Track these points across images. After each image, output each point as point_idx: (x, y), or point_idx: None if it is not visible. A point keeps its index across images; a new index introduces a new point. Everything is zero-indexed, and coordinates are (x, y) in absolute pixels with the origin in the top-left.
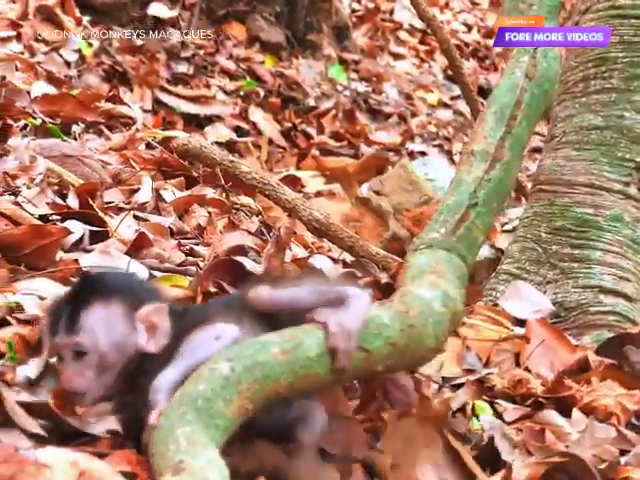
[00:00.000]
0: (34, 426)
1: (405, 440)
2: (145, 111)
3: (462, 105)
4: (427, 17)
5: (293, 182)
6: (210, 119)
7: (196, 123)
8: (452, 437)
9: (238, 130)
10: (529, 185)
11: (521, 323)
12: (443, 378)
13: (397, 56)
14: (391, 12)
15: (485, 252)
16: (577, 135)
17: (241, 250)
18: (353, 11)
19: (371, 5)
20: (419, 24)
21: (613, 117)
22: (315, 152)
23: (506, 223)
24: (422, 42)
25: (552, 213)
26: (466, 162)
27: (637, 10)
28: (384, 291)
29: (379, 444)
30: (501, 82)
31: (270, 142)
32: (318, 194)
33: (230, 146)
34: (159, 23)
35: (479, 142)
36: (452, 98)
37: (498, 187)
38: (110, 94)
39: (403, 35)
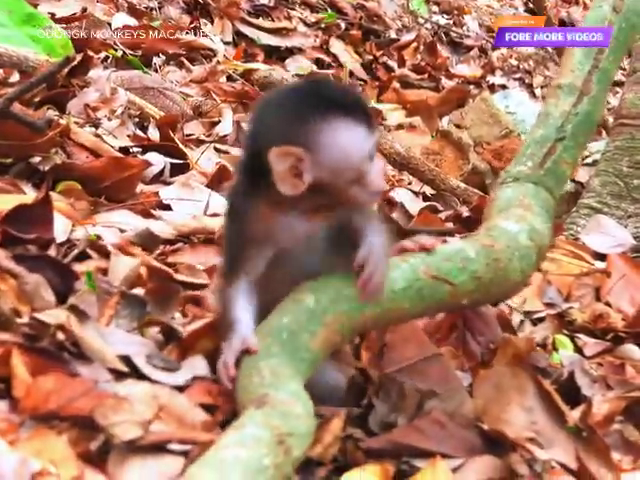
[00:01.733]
0: (115, 361)
1: (496, 387)
2: (226, 43)
3: None
4: None
5: (374, 115)
6: (291, 51)
7: (277, 55)
8: (544, 381)
9: (319, 62)
10: (610, 119)
11: (602, 257)
12: (525, 312)
13: None
14: None
15: (565, 186)
16: None
17: None
18: None
19: None
20: None
21: None
22: (396, 85)
23: (587, 157)
24: None
25: (634, 147)
26: (553, 96)
27: None
28: (465, 224)
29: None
30: (588, 15)
31: (351, 74)
32: (399, 127)
33: None
34: None
35: (567, 76)
36: None
37: (585, 121)
38: (191, 26)
39: None
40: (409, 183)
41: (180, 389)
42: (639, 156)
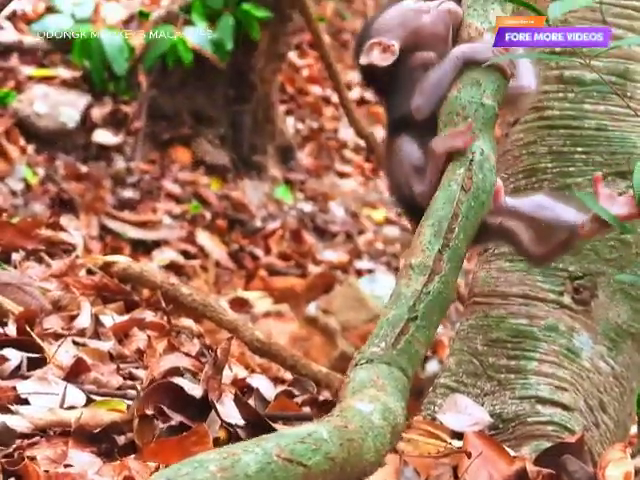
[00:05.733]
0: None
1: None
2: (92, 238)
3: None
4: (365, 134)
5: (241, 303)
6: (157, 243)
7: (143, 248)
8: None
9: (185, 253)
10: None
11: (459, 436)
12: None
13: (343, 174)
14: (335, 131)
15: (433, 367)
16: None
17: (177, 372)
18: (297, 131)
19: (315, 125)
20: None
21: None
22: (263, 273)
23: (453, 338)
24: (367, 160)
25: (487, 325)
26: (405, 276)
27: (565, 120)
28: (321, 408)
29: None
30: (437, 195)
31: (217, 264)
32: (266, 315)
33: (177, 269)
34: (104, 149)
35: (417, 255)
36: (398, 215)
37: (437, 300)
38: (51, 221)
39: (348, 153)
40: (278, 370)
41: None
42: (493, 334)
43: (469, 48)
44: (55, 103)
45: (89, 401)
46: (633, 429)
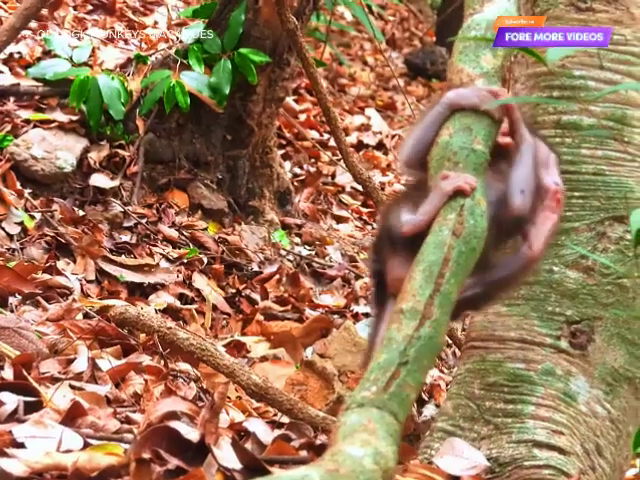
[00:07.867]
0: None
1: None
2: (88, 281)
3: None
4: (362, 179)
5: (238, 347)
6: (154, 287)
7: (140, 292)
8: None
9: (182, 297)
10: None
11: None
12: None
13: (340, 219)
14: (333, 175)
15: (430, 411)
16: None
17: (174, 416)
18: (295, 176)
19: (313, 169)
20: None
21: (542, 272)
22: (260, 317)
23: (450, 382)
24: (364, 204)
25: (484, 369)
26: (396, 320)
27: (563, 165)
28: (318, 452)
29: None
30: (428, 240)
31: (214, 308)
32: (263, 359)
33: (174, 314)
34: (101, 193)
35: (408, 300)
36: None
37: (428, 345)
38: (47, 265)
39: (345, 198)
40: (274, 415)
41: None
42: (490, 378)
43: (455, 94)
44: (52, 147)
45: (86, 445)
46: (629, 472)
